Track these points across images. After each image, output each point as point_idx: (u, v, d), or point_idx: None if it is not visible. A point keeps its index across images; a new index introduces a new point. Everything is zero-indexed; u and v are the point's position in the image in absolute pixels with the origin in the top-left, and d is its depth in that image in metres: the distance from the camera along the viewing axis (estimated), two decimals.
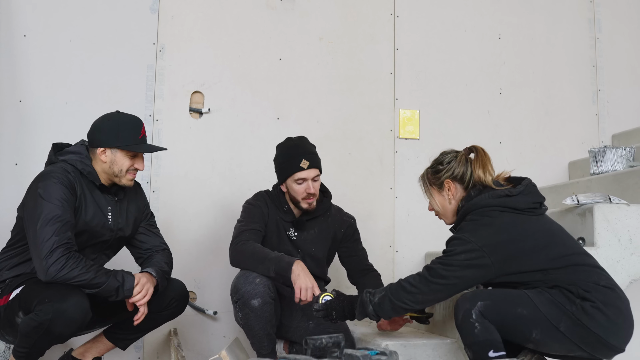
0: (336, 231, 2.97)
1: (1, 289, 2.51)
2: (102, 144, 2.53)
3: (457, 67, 3.95)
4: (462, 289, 2.21)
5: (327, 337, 1.74)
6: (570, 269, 2.10)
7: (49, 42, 3.40)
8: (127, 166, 2.55)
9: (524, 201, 2.20)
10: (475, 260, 2.10)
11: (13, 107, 3.33)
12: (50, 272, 2.29)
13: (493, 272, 2.12)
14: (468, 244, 2.12)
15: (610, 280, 2.13)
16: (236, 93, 3.61)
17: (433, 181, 2.38)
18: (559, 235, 2.20)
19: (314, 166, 2.82)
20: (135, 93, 3.47)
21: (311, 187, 2.80)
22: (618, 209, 2.66)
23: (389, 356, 1.76)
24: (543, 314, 2.06)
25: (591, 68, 4.15)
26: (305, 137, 2.95)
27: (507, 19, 4.06)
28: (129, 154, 2.55)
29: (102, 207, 2.57)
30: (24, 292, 2.44)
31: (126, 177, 2.58)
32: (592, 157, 3.33)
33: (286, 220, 2.90)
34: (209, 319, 3.43)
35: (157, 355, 3.35)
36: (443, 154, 2.43)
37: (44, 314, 2.27)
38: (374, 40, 3.85)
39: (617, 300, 2.08)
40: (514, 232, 2.14)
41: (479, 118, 3.94)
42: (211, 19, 3.64)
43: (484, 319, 2.08)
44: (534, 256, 2.11)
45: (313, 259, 2.92)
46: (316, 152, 2.89)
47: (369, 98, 3.80)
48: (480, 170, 2.31)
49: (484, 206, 2.20)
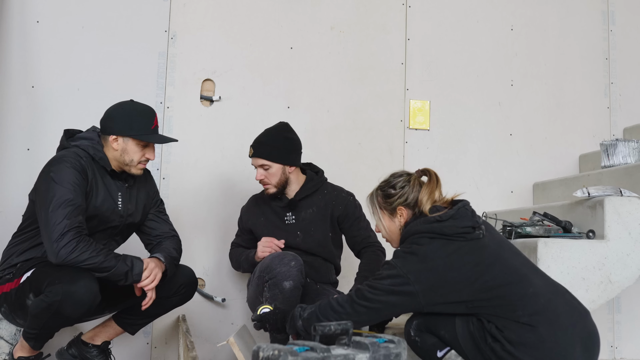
0: (333, 209, 3.00)
1: (12, 273, 2.54)
2: (115, 132, 2.55)
3: (469, 58, 3.93)
4: (387, 315, 2.22)
5: (336, 324, 1.75)
6: (495, 301, 2.05)
7: (62, 28, 3.41)
8: (138, 156, 2.57)
9: (452, 226, 2.09)
10: (399, 286, 2.06)
11: (26, 92, 3.35)
12: (61, 254, 2.31)
13: (420, 301, 2.06)
14: (394, 269, 2.08)
15: (541, 312, 2.02)
16: (247, 81, 3.61)
17: (384, 206, 2.29)
18: (493, 262, 2.09)
19: (257, 155, 2.95)
20: (146, 80, 3.48)
21: (258, 174, 2.95)
22: (629, 202, 2.65)
23: (397, 344, 1.77)
24: (460, 345, 2.10)
25: (604, 60, 4.12)
26: (279, 125, 3.07)
27: (520, 10, 4.03)
28: (140, 144, 2.56)
29: (112, 192, 2.59)
30: (34, 274, 2.46)
31: (137, 167, 2.60)
32: (604, 150, 3.31)
33: (280, 206, 3.01)
34: (217, 306, 3.44)
35: (165, 341, 3.37)
36: (394, 176, 2.32)
37: (54, 295, 2.29)
38: (386, 30, 3.84)
39: (533, 338, 2.00)
40: (439, 262, 2.06)
41: (489, 109, 3.92)
42: (223, 7, 3.63)
43: (421, 332, 2.21)
44: (459, 287, 2.05)
45: (314, 239, 2.97)
46: (270, 140, 2.97)
47: (380, 88, 3.79)
48: (425, 196, 2.22)
49: (414, 233, 2.14)
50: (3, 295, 2.54)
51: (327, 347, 1.68)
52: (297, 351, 1.63)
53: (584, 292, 2.51)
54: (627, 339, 3.80)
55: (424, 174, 2.29)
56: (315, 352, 1.65)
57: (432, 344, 2.17)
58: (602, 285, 2.57)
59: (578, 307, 2.11)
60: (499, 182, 3.89)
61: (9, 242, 2.63)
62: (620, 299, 3.81)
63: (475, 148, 3.88)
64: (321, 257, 3.00)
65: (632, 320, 3.81)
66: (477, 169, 3.86)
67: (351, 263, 3.19)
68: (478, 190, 3.80)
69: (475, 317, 2.08)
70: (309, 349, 1.66)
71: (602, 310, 3.75)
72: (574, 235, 2.68)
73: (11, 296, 2.51)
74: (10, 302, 2.53)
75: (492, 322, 2.05)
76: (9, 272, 2.55)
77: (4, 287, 2.54)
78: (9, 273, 2.55)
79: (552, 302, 2.06)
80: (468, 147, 3.87)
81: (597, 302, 2.56)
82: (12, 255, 2.58)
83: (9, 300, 2.53)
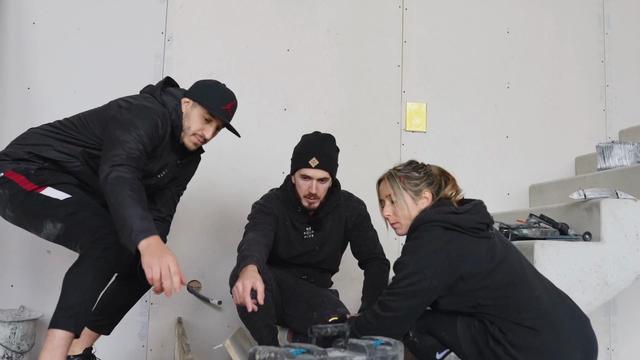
0: (347, 220, 2.91)
1: (35, 175, 2.32)
2: (189, 95, 2.51)
3: (465, 60, 3.94)
4: (414, 319, 2.13)
5: (332, 326, 1.74)
6: (501, 301, 2.04)
7: (58, 30, 3.41)
8: (196, 126, 2.49)
9: (469, 219, 2.08)
10: (417, 284, 2.03)
11: (21, 94, 3.34)
12: (110, 178, 2.13)
13: (438, 293, 2.05)
14: (408, 268, 2.04)
15: (545, 317, 2.03)
16: (243, 83, 3.61)
17: (408, 187, 2.22)
18: (502, 261, 2.08)
19: (323, 167, 2.67)
20: (143, 82, 3.43)
21: (314, 187, 2.67)
22: (625, 204, 2.65)
23: (394, 346, 1.76)
24: (461, 347, 2.09)
25: (599, 63, 4.13)
26: (331, 136, 2.79)
27: (516, 12, 4.04)
28: (204, 116, 2.48)
29: (163, 161, 2.52)
30: (70, 220, 2.24)
31: (190, 138, 2.51)
32: (600, 152, 3.32)
33: (302, 222, 2.81)
34: (213, 309, 3.44)
35: (161, 343, 3.36)
36: (410, 162, 2.29)
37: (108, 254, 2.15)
38: (382, 32, 3.84)
39: (536, 343, 2.00)
40: (452, 253, 2.04)
41: (486, 112, 3.93)
42: (219, 9, 3.63)
43: (420, 334, 2.18)
44: (470, 281, 2.04)
45: (327, 252, 2.91)
46: (333, 154, 2.74)
47: (377, 90, 3.79)
48: (449, 187, 2.22)
49: (428, 221, 2.11)
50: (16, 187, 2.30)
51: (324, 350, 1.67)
52: (294, 354, 1.63)
53: (580, 295, 2.51)
54: (624, 341, 3.80)
55: (440, 170, 2.28)
56: (311, 354, 1.64)
57: (431, 345, 2.16)
58: (598, 287, 2.57)
59: (579, 313, 2.11)
60: (496, 184, 3.90)
61: (38, 128, 2.47)
62: (617, 301, 3.82)
63: (471, 150, 3.88)
64: (326, 270, 2.99)
65: (628, 323, 3.82)
66: (473, 171, 3.87)
67: (347, 264, 3.19)
68: (475, 192, 3.80)
69: (477, 320, 2.08)
70: (306, 352, 1.65)
71: (599, 313, 3.76)
72: (570, 237, 2.68)
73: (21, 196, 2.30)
74: (19, 202, 2.29)
75: (495, 324, 2.04)
76: (33, 160, 2.37)
77: (21, 179, 2.32)
78: (33, 162, 2.36)
79: (555, 308, 2.06)
80: (464, 150, 3.87)
81: (593, 304, 2.56)
82: (42, 145, 2.39)
83: (18, 199, 2.29)
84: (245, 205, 3.30)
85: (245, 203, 3.29)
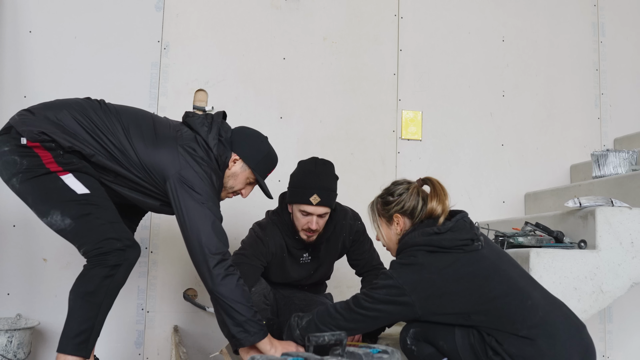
0: (345, 240, 2.85)
1: (65, 159, 2.19)
2: (242, 155, 2.40)
3: (461, 68, 3.96)
4: (383, 323, 2.20)
5: (330, 334, 1.75)
6: (493, 314, 2.05)
7: (54, 38, 3.41)
8: (239, 187, 2.45)
9: (451, 239, 2.08)
10: (395, 296, 2.06)
11: (18, 102, 3.33)
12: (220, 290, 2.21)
13: (417, 311, 2.07)
14: (390, 280, 2.08)
15: (540, 326, 2.02)
16: (239, 92, 3.62)
17: (382, 213, 2.27)
18: (492, 273, 2.08)
19: (325, 204, 2.60)
20: (139, 90, 3.48)
21: (314, 222, 2.62)
22: (620, 212, 2.66)
23: (391, 354, 1.77)
24: (460, 356, 2.09)
25: (594, 72, 4.15)
26: (330, 165, 2.71)
27: (511, 21, 4.07)
28: (250, 179, 2.44)
29: None
30: (85, 217, 2.17)
31: (227, 193, 2.48)
32: (595, 160, 3.34)
33: (299, 248, 2.76)
34: (209, 317, 3.43)
35: (157, 352, 3.35)
36: (395, 184, 2.31)
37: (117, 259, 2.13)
38: (378, 41, 3.86)
39: (533, 351, 2.00)
40: (435, 274, 2.05)
41: (481, 120, 3.95)
42: (216, 18, 3.65)
43: (418, 341, 2.18)
44: (456, 298, 2.05)
45: (323, 271, 2.90)
46: (333, 186, 2.67)
47: (372, 98, 3.80)
48: (435, 202, 2.19)
49: (412, 245, 2.12)
50: (38, 162, 2.16)
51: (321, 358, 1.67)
52: None
53: (576, 302, 2.52)
54: (619, 349, 3.81)
55: (425, 183, 2.27)
56: None
57: (429, 354, 2.16)
58: (593, 295, 2.58)
59: (575, 320, 2.11)
60: (491, 192, 3.91)
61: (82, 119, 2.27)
62: (612, 309, 3.83)
63: (467, 158, 3.90)
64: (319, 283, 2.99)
65: (623, 330, 3.83)
66: (469, 179, 3.88)
67: (343, 272, 3.19)
68: (470, 200, 3.81)
69: (475, 330, 2.08)
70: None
71: (594, 320, 3.77)
72: (565, 245, 2.69)
73: (42, 175, 2.17)
74: (33, 177, 2.17)
75: (491, 335, 2.05)
76: (67, 151, 2.20)
77: (47, 157, 2.17)
78: (62, 144, 2.18)
79: (550, 315, 2.06)
80: (460, 158, 3.89)
81: (589, 312, 2.56)
82: (75, 130, 2.22)
83: (34, 174, 2.16)
84: (241, 214, 3.31)
85: (241, 211, 3.29)
